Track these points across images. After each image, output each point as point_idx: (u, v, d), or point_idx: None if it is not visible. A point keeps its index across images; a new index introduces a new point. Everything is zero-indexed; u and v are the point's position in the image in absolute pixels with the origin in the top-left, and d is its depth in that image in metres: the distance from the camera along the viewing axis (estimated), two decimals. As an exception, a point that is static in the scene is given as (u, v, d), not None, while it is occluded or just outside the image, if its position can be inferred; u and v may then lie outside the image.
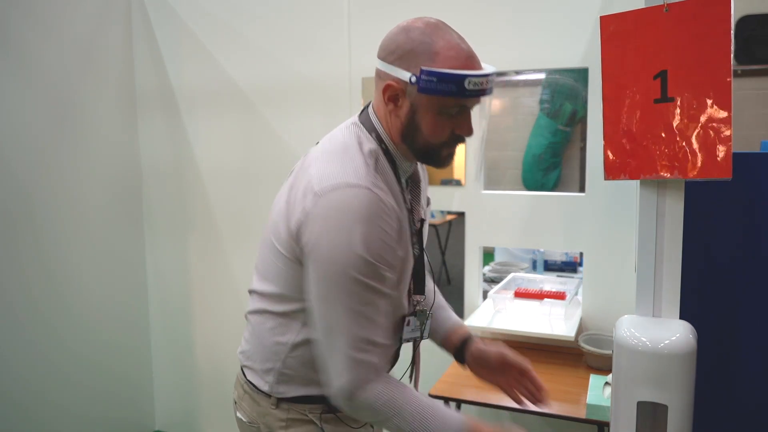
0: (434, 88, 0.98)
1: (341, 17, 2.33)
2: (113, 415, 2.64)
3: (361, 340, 1.00)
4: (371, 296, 1.00)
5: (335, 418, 1.18)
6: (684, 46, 0.96)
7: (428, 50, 1.00)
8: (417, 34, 1.02)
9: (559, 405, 1.70)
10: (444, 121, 1.03)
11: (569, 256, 3.03)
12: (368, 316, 1.00)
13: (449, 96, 0.99)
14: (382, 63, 1.04)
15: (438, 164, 1.10)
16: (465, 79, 0.99)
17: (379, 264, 0.99)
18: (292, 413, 1.17)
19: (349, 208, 0.97)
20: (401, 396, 1.05)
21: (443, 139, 1.05)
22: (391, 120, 1.07)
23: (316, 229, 0.99)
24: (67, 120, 2.38)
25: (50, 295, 2.33)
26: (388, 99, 1.04)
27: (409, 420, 1.03)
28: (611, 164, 1.04)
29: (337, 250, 0.97)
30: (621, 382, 1.00)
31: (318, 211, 0.99)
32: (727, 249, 1.18)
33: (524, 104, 3.34)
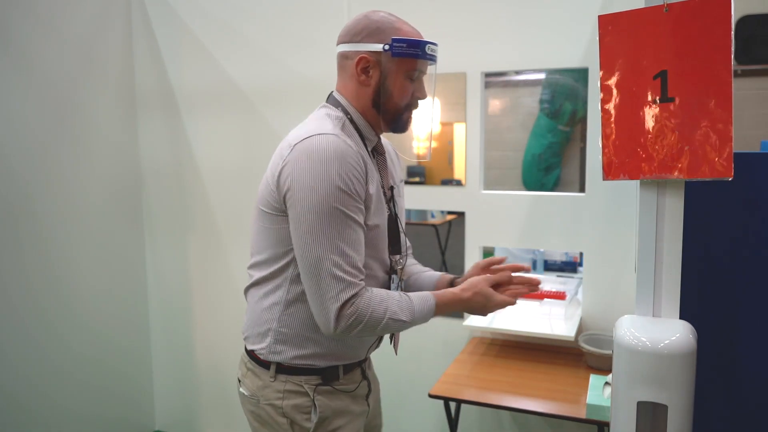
0: (404, 51, 1.21)
1: (341, 17, 2.33)
2: (113, 415, 2.64)
3: (345, 263, 1.13)
4: (350, 224, 1.14)
5: (330, 391, 1.29)
6: (684, 46, 0.96)
7: (392, 26, 1.23)
8: (379, 17, 1.24)
9: (559, 405, 1.70)
10: (408, 84, 1.25)
11: (569, 256, 3.03)
12: (349, 242, 1.14)
13: (416, 58, 1.22)
14: (350, 44, 1.24)
15: (401, 128, 1.29)
16: (426, 45, 1.23)
17: (352, 195, 1.14)
18: (289, 385, 1.27)
19: (322, 149, 1.13)
20: (383, 297, 1.17)
21: (407, 101, 1.26)
22: (360, 92, 1.26)
23: (295, 170, 1.14)
24: (67, 120, 2.38)
25: (51, 295, 2.33)
26: (360, 71, 1.24)
27: (398, 313, 1.18)
28: (610, 164, 1.04)
29: (315, 184, 1.12)
30: (621, 382, 1.00)
31: (294, 155, 1.15)
32: (727, 249, 1.18)
33: (524, 104, 3.34)
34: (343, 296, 1.12)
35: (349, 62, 1.25)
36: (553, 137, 3.16)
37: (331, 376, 1.30)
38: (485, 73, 2.19)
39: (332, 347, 1.28)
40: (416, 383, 2.39)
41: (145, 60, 2.69)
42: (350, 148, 1.16)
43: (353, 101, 1.27)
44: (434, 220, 3.79)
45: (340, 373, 1.32)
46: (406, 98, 1.26)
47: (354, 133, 1.25)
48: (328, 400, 1.29)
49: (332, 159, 1.13)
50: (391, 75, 1.23)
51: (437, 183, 2.59)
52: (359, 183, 1.16)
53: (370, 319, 1.15)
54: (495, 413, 2.27)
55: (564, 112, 3.10)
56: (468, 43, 2.17)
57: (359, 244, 1.16)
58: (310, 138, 1.16)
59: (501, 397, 1.77)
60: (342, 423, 1.31)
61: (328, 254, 1.12)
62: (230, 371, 2.76)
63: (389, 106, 1.25)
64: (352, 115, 1.27)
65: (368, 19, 1.23)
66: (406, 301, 1.21)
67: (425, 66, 1.27)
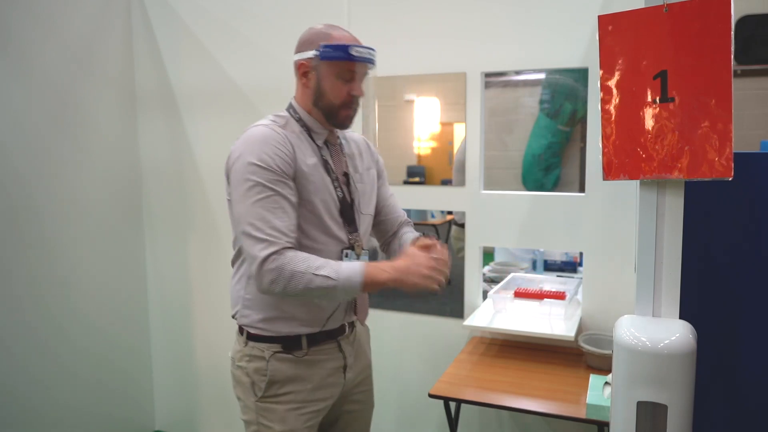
0: (331, 55, 1.37)
1: (341, 17, 2.33)
2: (113, 415, 2.64)
3: (265, 226, 1.28)
4: (269, 193, 1.30)
5: (290, 359, 1.43)
6: (684, 46, 0.96)
7: (325, 35, 1.40)
8: (317, 29, 1.42)
9: (559, 405, 1.70)
10: (341, 84, 1.40)
11: (569, 256, 3.03)
12: (268, 209, 1.29)
13: (342, 60, 1.37)
14: (296, 54, 1.44)
15: (339, 124, 1.45)
16: (350, 47, 1.37)
17: (272, 170, 1.31)
18: (255, 350, 1.45)
19: (250, 135, 1.37)
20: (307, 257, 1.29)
21: (342, 99, 1.41)
22: (305, 94, 1.45)
23: (231, 155, 1.38)
24: (67, 120, 2.38)
25: (51, 295, 2.33)
26: (301, 75, 1.44)
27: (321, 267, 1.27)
28: (610, 164, 1.04)
29: (240, 163, 1.33)
30: (621, 382, 1.00)
31: (235, 144, 1.39)
32: (727, 249, 1.18)
33: (524, 104, 3.34)
34: (262, 254, 1.26)
35: (295, 70, 1.45)
36: (553, 137, 3.16)
37: (293, 345, 1.44)
38: (485, 73, 2.19)
39: (292, 311, 1.42)
40: (416, 383, 2.39)
41: (145, 60, 2.69)
42: (275, 134, 1.36)
43: (301, 103, 1.47)
44: (434, 220, 3.79)
45: (303, 343, 1.45)
46: (341, 97, 1.41)
47: (298, 128, 1.44)
48: (283, 366, 1.43)
49: (255, 142, 1.34)
50: (324, 77, 1.40)
51: (437, 183, 2.59)
52: (282, 161, 1.33)
53: (293, 274, 1.26)
54: (495, 413, 2.27)
55: (564, 112, 3.10)
56: (468, 43, 2.17)
57: (282, 210, 1.31)
58: (248, 130, 1.39)
59: (501, 397, 1.77)
60: (295, 389, 1.44)
61: (250, 219, 1.29)
62: (230, 371, 2.76)
63: (325, 105, 1.42)
64: (301, 114, 1.46)
65: (308, 31, 1.43)
66: (334, 262, 1.30)
67: (356, 67, 1.41)
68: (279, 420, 1.44)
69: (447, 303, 2.41)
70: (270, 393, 1.44)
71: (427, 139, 2.61)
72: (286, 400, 1.44)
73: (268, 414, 1.45)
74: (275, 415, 1.44)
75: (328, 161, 1.46)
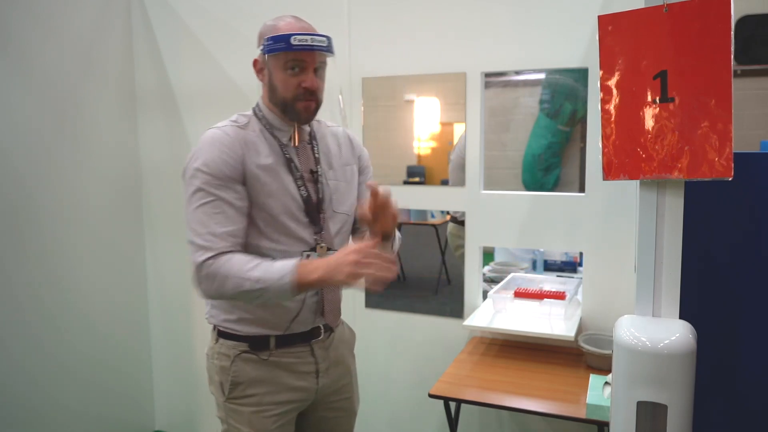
0: (273, 47, 1.32)
1: (341, 17, 2.33)
2: (113, 415, 2.64)
3: (203, 231, 1.27)
4: (211, 199, 1.28)
5: (255, 360, 1.41)
6: (684, 46, 0.96)
7: (271, 29, 1.36)
8: (267, 23, 1.38)
9: (559, 405, 1.70)
10: (290, 77, 1.35)
11: (569, 256, 3.02)
12: (209, 214, 1.28)
13: (282, 51, 1.32)
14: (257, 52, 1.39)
15: (297, 117, 1.39)
16: (291, 37, 1.31)
17: (216, 176, 1.29)
18: (223, 348, 1.44)
19: (202, 139, 1.35)
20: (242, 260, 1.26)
21: (294, 92, 1.35)
22: (263, 91, 1.42)
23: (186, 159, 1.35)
24: (67, 120, 2.38)
25: (52, 295, 2.33)
26: (257, 72, 1.41)
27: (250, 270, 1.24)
28: (610, 164, 1.04)
29: (188, 167, 1.32)
30: (621, 382, 1.00)
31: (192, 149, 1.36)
32: (727, 249, 1.18)
33: (524, 104, 3.34)
34: (198, 259, 1.25)
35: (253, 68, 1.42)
36: (553, 137, 3.15)
37: (260, 345, 1.42)
38: (485, 73, 2.19)
39: (256, 312, 1.41)
40: (416, 383, 2.39)
41: (145, 60, 2.69)
42: (225, 136, 1.34)
43: (263, 100, 1.43)
44: (434, 220, 3.78)
45: (270, 344, 1.42)
46: (291, 90, 1.35)
47: (259, 126, 1.41)
48: (247, 367, 1.41)
49: (204, 145, 1.33)
50: (274, 71, 1.36)
51: (437, 183, 2.59)
52: (226, 165, 1.30)
53: (225, 278, 1.24)
54: (495, 413, 2.27)
55: (564, 112, 3.10)
56: (468, 43, 2.17)
57: (223, 215, 1.29)
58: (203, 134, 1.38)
59: (501, 397, 1.77)
60: (260, 391, 1.42)
61: (191, 224, 1.29)
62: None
63: (279, 100, 1.38)
64: (264, 112, 1.42)
65: (262, 27, 1.39)
66: (268, 264, 1.26)
67: (303, 56, 1.34)
68: (246, 422, 1.43)
69: (447, 303, 2.41)
70: (234, 395, 1.43)
71: (427, 139, 2.61)
72: (251, 402, 1.42)
73: (236, 415, 1.44)
74: (242, 417, 1.43)
75: (293, 159, 1.41)
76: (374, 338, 2.46)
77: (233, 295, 1.26)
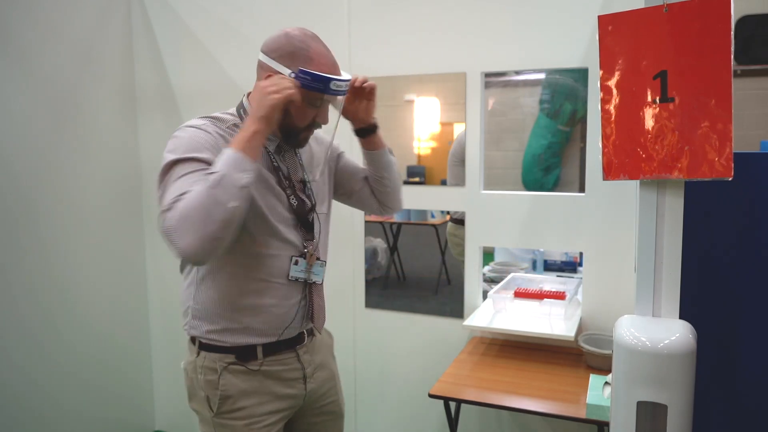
0: (308, 84, 1.27)
1: (341, 17, 2.33)
2: (113, 415, 2.64)
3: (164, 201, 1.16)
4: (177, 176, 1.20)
5: (243, 371, 1.36)
6: (684, 46, 0.96)
7: (305, 54, 1.28)
8: (297, 40, 1.29)
9: (559, 405, 1.70)
10: (309, 110, 1.33)
11: (569, 256, 3.03)
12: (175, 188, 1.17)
13: (318, 92, 1.29)
14: (267, 58, 1.31)
15: (296, 144, 1.40)
16: (331, 81, 1.28)
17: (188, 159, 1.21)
18: (207, 361, 1.37)
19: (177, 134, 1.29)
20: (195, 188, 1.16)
21: (306, 123, 1.35)
22: None
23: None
24: (67, 120, 2.38)
25: (51, 295, 2.33)
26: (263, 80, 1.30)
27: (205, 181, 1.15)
28: (610, 164, 1.04)
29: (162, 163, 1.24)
30: (621, 382, 1.00)
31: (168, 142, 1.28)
32: (727, 249, 1.18)
33: (524, 104, 3.34)
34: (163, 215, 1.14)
35: (262, 73, 1.32)
36: (553, 137, 3.15)
37: (247, 355, 1.37)
38: (485, 73, 2.19)
39: (244, 321, 1.36)
40: (416, 383, 2.39)
41: (145, 60, 2.69)
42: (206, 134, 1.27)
43: None
44: (434, 220, 3.78)
45: (258, 353, 1.38)
46: (306, 122, 1.34)
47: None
48: (236, 380, 1.36)
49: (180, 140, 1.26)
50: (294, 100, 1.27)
51: (437, 183, 2.59)
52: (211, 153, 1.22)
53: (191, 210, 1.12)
54: (495, 413, 2.27)
55: (564, 112, 3.10)
56: (468, 43, 2.17)
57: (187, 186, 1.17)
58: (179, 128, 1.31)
59: (501, 397, 1.77)
60: (250, 403, 1.37)
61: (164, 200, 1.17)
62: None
63: (288, 125, 1.34)
64: None
65: (286, 40, 1.29)
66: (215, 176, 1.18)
67: (331, 97, 1.33)
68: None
69: (447, 303, 2.41)
70: (225, 409, 1.37)
71: (427, 139, 2.61)
72: (242, 416, 1.37)
73: (227, 431, 1.38)
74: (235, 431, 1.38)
75: (280, 167, 1.38)
76: (374, 338, 2.46)
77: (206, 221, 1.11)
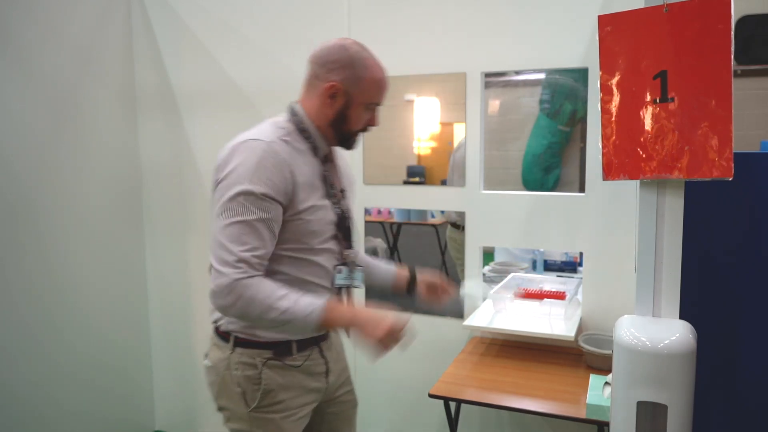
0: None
1: (341, 17, 2.33)
2: (113, 415, 2.64)
3: (236, 249, 1.26)
4: (250, 218, 1.27)
5: (280, 366, 1.42)
6: (684, 46, 0.96)
7: (362, 63, 1.39)
8: (353, 51, 1.39)
9: (559, 405, 1.70)
10: (364, 114, 1.43)
11: (569, 256, 3.03)
12: (245, 232, 1.27)
13: (376, 101, 1.43)
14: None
15: (350, 146, 1.48)
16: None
17: (259, 196, 1.27)
18: (244, 357, 1.41)
19: (250, 152, 1.30)
20: (271, 287, 1.27)
21: (361, 126, 1.44)
22: (322, 111, 1.41)
23: (224, 168, 1.33)
24: (67, 120, 2.38)
25: (51, 295, 2.33)
26: (327, 95, 1.38)
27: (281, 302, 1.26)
28: (610, 164, 1.04)
29: (231, 179, 1.29)
30: (621, 382, 1.00)
31: (228, 155, 1.34)
32: (727, 249, 1.18)
33: (524, 104, 3.34)
34: (227, 275, 1.25)
35: (319, 83, 1.40)
36: (553, 137, 3.15)
37: (283, 351, 1.42)
38: (485, 73, 2.19)
39: None
40: (416, 383, 2.39)
41: (145, 60, 2.69)
42: (275, 154, 1.31)
43: (312, 116, 1.42)
44: (434, 220, 3.78)
45: (293, 349, 1.44)
46: (361, 125, 1.44)
47: (301, 140, 1.41)
48: (275, 375, 1.41)
49: (251, 160, 1.29)
50: (353, 105, 1.40)
51: (437, 183, 2.59)
52: (274, 185, 1.29)
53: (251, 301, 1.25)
54: (495, 413, 2.27)
55: (564, 112, 3.10)
56: (468, 43, 2.17)
57: (258, 237, 1.28)
58: (246, 143, 1.33)
59: (501, 397, 1.77)
60: (288, 396, 1.43)
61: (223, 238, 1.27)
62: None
63: (345, 130, 1.43)
64: (308, 126, 1.42)
65: (344, 52, 1.38)
66: (295, 296, 1.28)
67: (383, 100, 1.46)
68: (276, 429, 1.42)
69: (447, 303, 2.40)
70: (264, 403, 1.41)
71: (427, 139, 2.61)
72: (281, 409, 1.42)
73: (265, 424, 1.41)
74: (272, 424, 1.42)
75: (328, 176, 1.44)
76: (374, 338, 2.45)
77: (254, 319, 1.28)
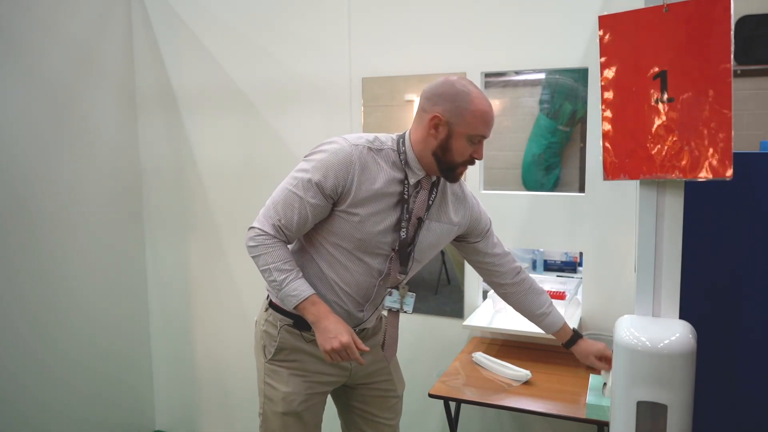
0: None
1: (342, 17, 2.33)
2: (113, 415, 2.64)
3: (275, 215, 1.45)
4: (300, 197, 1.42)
5: (295, 333, 1.55)
6: (684, 46, 0.96)
7: (466, 98, 1.42)
8: (458, 85, 1.44)
9: (559, 405, 1.70)
10: (468, 147, 1.45)
11: (569, 256, 3.02)
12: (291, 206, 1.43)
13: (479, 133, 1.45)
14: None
15: (452, 178, 1.51)
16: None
17: (315, 187, 1.41)
18: (271, 317, 1.58)
19: (328, 147, 1.44)
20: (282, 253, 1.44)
21: (464, 159, 1.46)
22: (426, 141, 1.46)
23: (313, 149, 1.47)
24: (67, 120, 2.38)
25: (51, 295, 2.33)
26: (432, 126, 1.43)
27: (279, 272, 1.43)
28: (610, 164, 1.04)
29: (305, 161, 1.45)
30: (621, 382, 1.00)
31: (322, 142, 1.47)
32: (727, 249, 1.18)
33: (524, 104, 3.34)
34: (259, 226, 1.45)
35: (426, 115, 1.45)
36: (553, 137, 3.16)
37: (303, 325, 1.53)
38: (485, 73, 2.19)
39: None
40: (416, 383, 2.39)
41: (145, 60, 2.69)
42: (348, 156, 1.41)
43: (415, 144, 1.48)
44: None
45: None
46: (464, 157, 1.46)
47: (393, 159, 1.48)
48: (291, 338, 1.56)
49: (325, 158, 1.42)
50: (456, 137, 1.43)
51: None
52: (331, 186, 1.41)
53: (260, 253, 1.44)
54: (495, 413, 2.27)
55: (564, 112, 3.10)
56: (468, 43, 2.17)
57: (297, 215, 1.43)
58: (338, 137, 1.46)
59: (501, 397, 1.77)
60: (299, 358, 1.57)
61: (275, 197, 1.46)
62: (230, 371, 2.76)
63: (447, 160, 1.46)
64: (407, 152, 1.48)
65: (449, 86, 1.44)
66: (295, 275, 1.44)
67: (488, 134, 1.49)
68: (283, 382, 1.56)
69: (447, 303, 2.41)
70: (278, 357, 1.57)
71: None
72: (292, 366, 1.56)
73: (275, 375, 1.57)
74: (280, 377, 1.56)
75: (408, 200, 1.48)
76: (374, 338, 2.45)
77: (258, 267, 1.47)
